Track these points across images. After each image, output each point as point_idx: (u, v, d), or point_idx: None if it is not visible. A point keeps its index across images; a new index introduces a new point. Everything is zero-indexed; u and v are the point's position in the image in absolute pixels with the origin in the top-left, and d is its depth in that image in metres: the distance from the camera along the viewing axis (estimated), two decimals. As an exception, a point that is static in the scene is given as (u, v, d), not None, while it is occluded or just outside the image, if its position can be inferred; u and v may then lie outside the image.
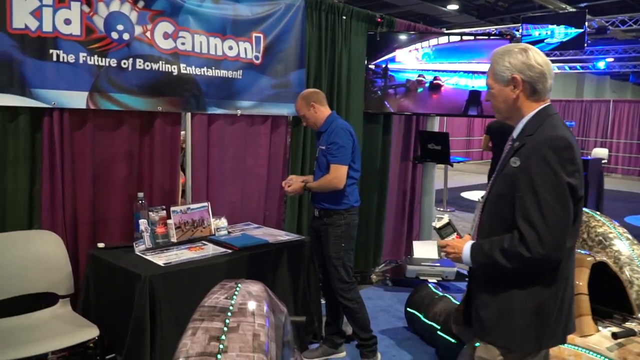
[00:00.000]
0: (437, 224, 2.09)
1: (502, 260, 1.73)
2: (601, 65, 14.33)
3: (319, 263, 3.39)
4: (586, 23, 7.13)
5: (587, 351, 2.49)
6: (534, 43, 7.59)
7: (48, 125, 2.83)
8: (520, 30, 8.04)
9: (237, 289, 1.76)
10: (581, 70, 17.42)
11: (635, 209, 9.22)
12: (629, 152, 16.31)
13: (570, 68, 17.19)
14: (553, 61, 13.92)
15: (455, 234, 2.06)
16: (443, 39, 4.67)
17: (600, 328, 2.69)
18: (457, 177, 12.10)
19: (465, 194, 10.72)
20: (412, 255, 4.79)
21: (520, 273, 1.75)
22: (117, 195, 3.16)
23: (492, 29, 12.26)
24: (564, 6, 10.63)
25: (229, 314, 1.59)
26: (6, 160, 2.74)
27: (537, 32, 7.51)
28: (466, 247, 1.87)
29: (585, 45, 7.48)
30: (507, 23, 13.81)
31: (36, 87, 2.75)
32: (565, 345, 2.52)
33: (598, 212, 4.02)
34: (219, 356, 1.40)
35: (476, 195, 10.82)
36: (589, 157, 8.44)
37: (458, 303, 3.49)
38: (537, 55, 1.82)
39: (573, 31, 7.25)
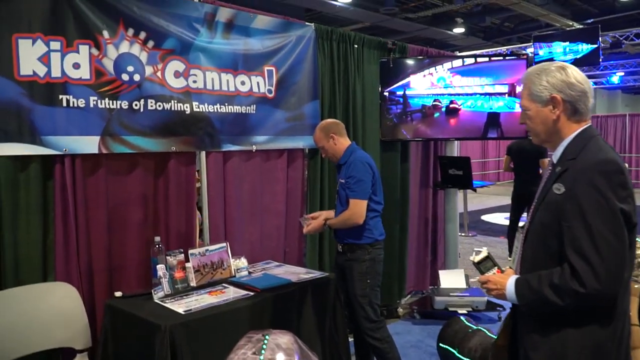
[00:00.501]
0: (476, 258, 1.93)
1: (552, 297, 1.59)
2: (615, 79, 14.18)
3: (345, 301, 3.23)
4: (600, 38, 7.02)
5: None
6: (547, 60, 7.49)
7: (60, 172, 2.75)
8: (534, 49, 7.95)
9: (265, 341, 1.63)
10: (593, 86, 17.31)
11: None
12: (646, 167, 16.02)
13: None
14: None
15: (496, 268, 1.90)
16: (457, 62, 4.57)
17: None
18: (476, 199, 11.88)
19: (485, 217, 10.50)
20: (439, 285, 4.60)
21: (573, 310, 1.60)
22: (133, 240, 3.06)
23: (502, 49, 12.22)
24: (570, 23, 10.59)
25: (259, 371, 1.45)
26: (18, 212, 2.65)
27: (546, 50, 7.42)
28: (510, 283, 1.73)
29: (600, 60, 7.37)
30: (514, 43, 13.80)
31: (47, 134, 2.67)
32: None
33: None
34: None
35: (496, 218, 10.62)
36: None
37: (494, 337, 3.31)
38: (576, 73, 1.71)
39: (587, 47, 7.15)
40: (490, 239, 8.48)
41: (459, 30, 12.30)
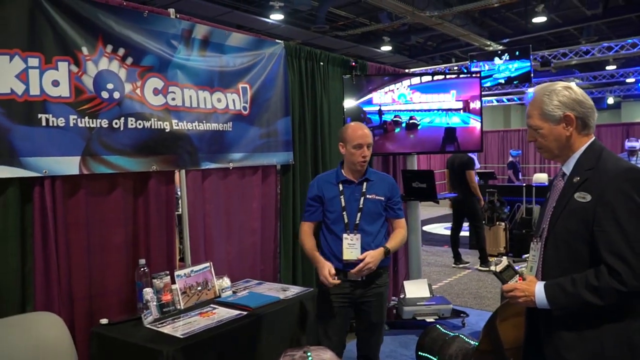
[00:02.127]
0: (498, 268, 1.95)
1: (591, 297, 1.69)
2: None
3: (360, 333, 2.99)
4: (531, 57, 7.54)
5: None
6: (484, 77, 7.93)
7: (39, 195, 2.59)
8: (471, 66, 8.39)
9: (309, 359, 1.62)
10: (507, 103, 18.43)
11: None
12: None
13: (497, 101, 18.14)
14: (483, 95, 14.67)
15: (518, 275, 1.94)
16: (415, 80, 4.76)
17: None
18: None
19: (425, 228, 10.85)
20: (404, 295, 4.71)
21: (607, 308, 1.70)
22: (114, 263, 2.92)
23: (429, 68, 12.81)
24: (488, 43, 11.31)
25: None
26: (-5, 239, 2.48)
27: (489, 66, 7.87)
28: (539, 289, 1.80)
29: (532, 77, 7.90)
30: (437, 62, 14.52)
31: (26, 155, 2.52)
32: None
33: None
34: None
35: (436, 229, 11.00)
36: (546, 184, 8.76)
37: (473, 342, 3.44)
38: (581, 91, 1.85)
39: (519, 65, 7.65)
40: (436, 248, 8.78)
41: (386, 48, 12.79)
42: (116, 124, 2.86)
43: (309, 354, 1.68)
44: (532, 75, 7.66)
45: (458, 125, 4.74)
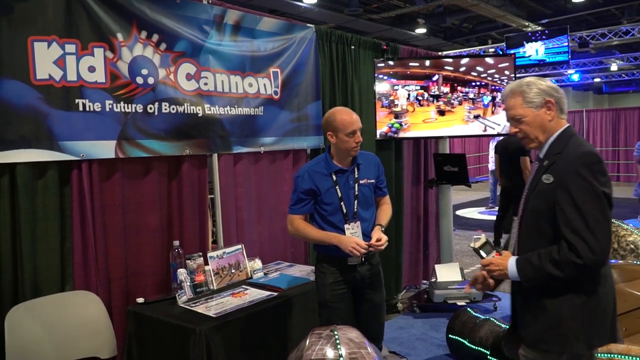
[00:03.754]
0: (476, 244, 2.08)
1: (554, 270, 1.84)
2: (575, 77, 14.75)
3: (367, 315, 2.83)
4: (568, 37, 7.32)
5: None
6: (522, 59, 7.75)
7: (77, 178, 2.69)
8: (504, 48, 8.22)
9: (336, 336, 1.65)
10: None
11: (626, 213, 9.35)
12: (605, 159, 16.70)
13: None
14: (519, 77, 14.32)
15: (495, 251, 2.06)
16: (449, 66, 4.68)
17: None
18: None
19: (459, 212, 10.73)
20: (436, 279, 4.70)
21: (567, 281, 1.85)
22: (149, 245, 3.01)
23: (463, 51, 12.58)
24: (526, 24, 10.99)
25: (343, 365, 1.48)
26: (36, 220, 2.57)
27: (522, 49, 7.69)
28: (511, 263, 1.95)
29: (570, 59, 7.68)
30: (473, 44, 14.20)
31: (64, 139, 2.61)
32: (637, 359, 2.46)
33: (623, 221, 4.03)
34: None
35: (470, 213, 10.87)
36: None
37: (504, 325, 3.43)
38: (550, 81, 2.05)
39: (556, 46, 7.44)
40: (469, 233, 8.69)
41: (420, 30, 12.55)
42: (150, 108, 2.92)
43: (335, 332, 1.72)
44: (569, 56, 7.43)
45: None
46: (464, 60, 4.67)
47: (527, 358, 1.99)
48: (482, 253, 2.06)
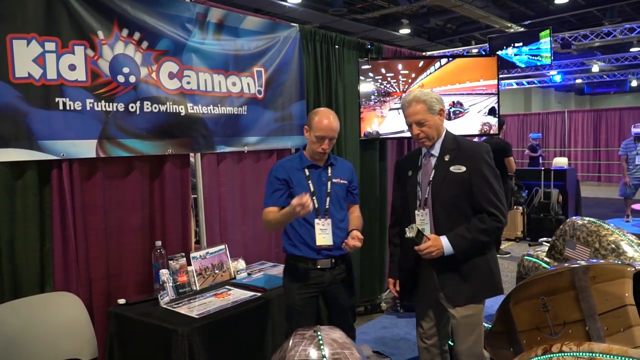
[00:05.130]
0: (411, 234, 2.35)
1: (484, 237, 2.41)
2: (557, 78, 14.91)
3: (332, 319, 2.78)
4: (550, 39, 7.40)
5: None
6: (505, 61, 7.81)
7: (57, 178, 2.65)
8: (487, 49, 8.28)
9: (320, 337, 1.64)
10: (529, 86, 18.07)
11: (606, 213, 9.49)
12: (587, 159, 16.95)
13: (517, 84, 17.82)
14: (502, 78, 14.48)
15: (426, 236, 2.40)
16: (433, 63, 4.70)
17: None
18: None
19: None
20: (419, 279, 4.71)
21: (483, 245, 2.45)
22: (131, 245, 2.98)
23: (447, 51, 12.66)
24: (509, 25, 11.10)
25: (326, 366, 1.47)
26: (15, 220, 2.53)
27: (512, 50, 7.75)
28: (444, 242, 2.39)
29: (552, 61, 7.76)
30: (457, 44, 14.31)
31: (44, 138, 2.57)
32: (619, 358, 2.48)
33: (603, 221, 4.07)
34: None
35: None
36: (565, 168, 8.64)
37: (486, 325, 3.44)
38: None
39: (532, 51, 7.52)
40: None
41: (405, 31, 12.62)
42: (132, 107, 2.89)
43: (318, 332, 1.71)
44: (552, 57, 7.51)
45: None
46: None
47: (465, 317, 2.50)
48: (417, 241, 2.37)
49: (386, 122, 4.57)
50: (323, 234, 2.61)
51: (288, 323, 2.67)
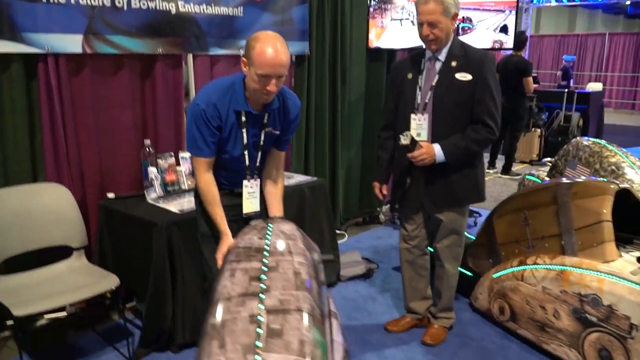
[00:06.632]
0: (406, 141, 2.39)
1: (475, 147, 2.45)
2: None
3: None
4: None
5: (611, 276, 2.46)
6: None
7: (44, 72, 2.66)
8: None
9: (270, 228, 1.69)
10: (572, 4, 16.96)
11: (630, 141, 9.19)
12: (623, 86, 16.22)
13: (556, 1, 16.73)
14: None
15: (419, 144, 2.42)
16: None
17: (622, 254, 2.66)
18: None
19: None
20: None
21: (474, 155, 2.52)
22: (122, 143, 3.04)
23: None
24: None
25: (266, 253, 1.52)
26: (3, 112, 2.59)
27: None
28: (437, 149, 2.42)
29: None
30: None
31: (27, 30, 2.56)
32: (588, 271, 2.50)
33: (610, 143, 3.96)
34: (261, 295, 1.33)
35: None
36: (590, 91, 8.29)
37: (472, 237, 3.49)
38: None
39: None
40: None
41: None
42: (119, 3, 2.84)
43: (270, 224, 1.76)
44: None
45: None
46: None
47: (449, 220, 2.62)
48: (411, 147, 2.42)
49: (386, 34, 4.40)
50: (251, 198, 2.19)
51: (204, 252, 2.25)
